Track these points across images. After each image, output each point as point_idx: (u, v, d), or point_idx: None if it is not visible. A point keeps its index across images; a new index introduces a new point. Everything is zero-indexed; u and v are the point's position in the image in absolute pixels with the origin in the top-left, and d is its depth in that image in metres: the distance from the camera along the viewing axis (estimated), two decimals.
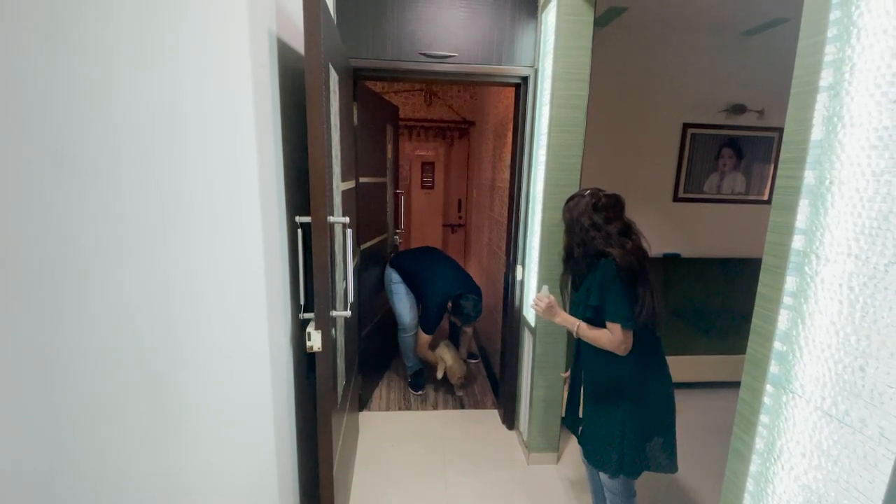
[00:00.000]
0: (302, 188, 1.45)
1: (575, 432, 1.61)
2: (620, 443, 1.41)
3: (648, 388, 1.43)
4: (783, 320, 0.73)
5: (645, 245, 1.43)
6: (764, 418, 0.77)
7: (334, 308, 1.48)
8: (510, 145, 2.49)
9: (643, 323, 1.36)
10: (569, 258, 1.54)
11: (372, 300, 2.90)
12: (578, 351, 1.58)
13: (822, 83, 0.67)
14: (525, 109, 2.21)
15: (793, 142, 0.71)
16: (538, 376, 2.19)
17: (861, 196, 0.61)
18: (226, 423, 0.99)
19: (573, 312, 1.51)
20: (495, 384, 2.98)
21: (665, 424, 1.44)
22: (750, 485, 0.81)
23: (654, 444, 1.43)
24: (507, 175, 2.67)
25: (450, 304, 2.71)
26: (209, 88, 0.88)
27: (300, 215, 1.42)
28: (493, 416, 2.71)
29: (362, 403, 2.74)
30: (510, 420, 2.55)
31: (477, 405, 2.83)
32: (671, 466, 1.45)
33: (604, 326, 1.40)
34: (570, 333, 1.59)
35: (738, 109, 3.21)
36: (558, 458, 2.28)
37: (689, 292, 3.36)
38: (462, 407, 2.79)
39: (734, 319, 3.27)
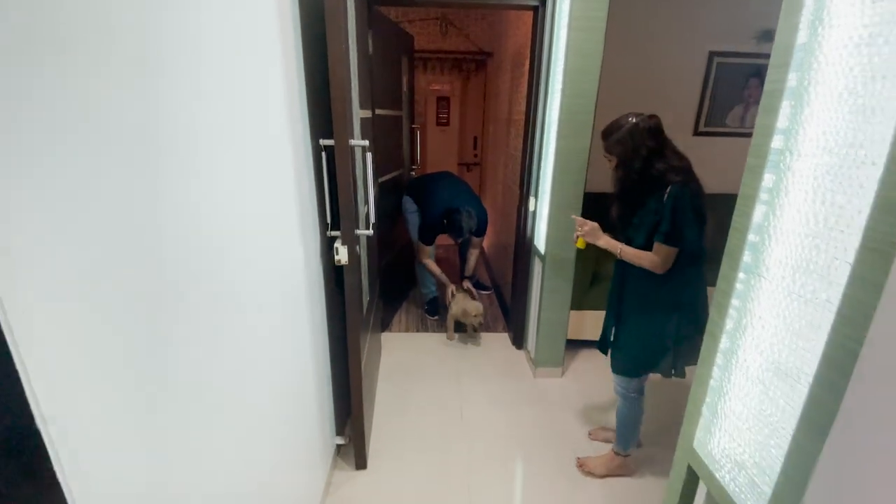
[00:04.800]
0: (323, 114, 1.53)
1: (605, 352, 1.72)
2: (675, 340, 1.52)
3: (696, 298, 1.52)
4: (758, 214, 0.82)
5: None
6: (735, 302, 0.89)
7: (358, 227, 1.61)
8: (527, 75, 2.47)
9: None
10: (624, 193, 1.51)
11: (389, 234, 3.04)
12: (623, 277, 1.61)
13: None
14: (542, 34, 2.18)
15: (781, 46, 0.76)
16: (546, 300, 2.34)
17: (832, 94, 0.68)
18: (267, 323, 1.15)
19: (631, 234, 1.53)
20: (506, 313, 3.17)
21: (702, 324, 1.58)
22: (719, 359, 0.94)
23: (693, 342, 1.51)
24: (523, 107, 2.67)
25: (445, 221, 2.75)
26: (236, 17, 0.95)
27: (324, 138, 1.52)
28: (503, 338, 2.93)
29: (384, 325, 2.97)
30: (519, 341, 2.75)
31: (489, 329, 3.04)
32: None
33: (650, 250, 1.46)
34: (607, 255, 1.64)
35: (769, 36, 3.05)
36: (563, 373, 2.49)
37: (711, 229, 3.38)
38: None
39: None
